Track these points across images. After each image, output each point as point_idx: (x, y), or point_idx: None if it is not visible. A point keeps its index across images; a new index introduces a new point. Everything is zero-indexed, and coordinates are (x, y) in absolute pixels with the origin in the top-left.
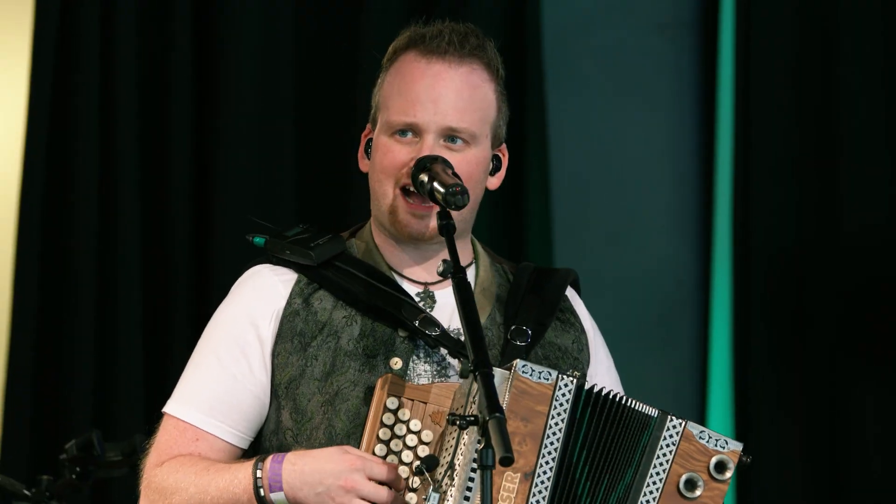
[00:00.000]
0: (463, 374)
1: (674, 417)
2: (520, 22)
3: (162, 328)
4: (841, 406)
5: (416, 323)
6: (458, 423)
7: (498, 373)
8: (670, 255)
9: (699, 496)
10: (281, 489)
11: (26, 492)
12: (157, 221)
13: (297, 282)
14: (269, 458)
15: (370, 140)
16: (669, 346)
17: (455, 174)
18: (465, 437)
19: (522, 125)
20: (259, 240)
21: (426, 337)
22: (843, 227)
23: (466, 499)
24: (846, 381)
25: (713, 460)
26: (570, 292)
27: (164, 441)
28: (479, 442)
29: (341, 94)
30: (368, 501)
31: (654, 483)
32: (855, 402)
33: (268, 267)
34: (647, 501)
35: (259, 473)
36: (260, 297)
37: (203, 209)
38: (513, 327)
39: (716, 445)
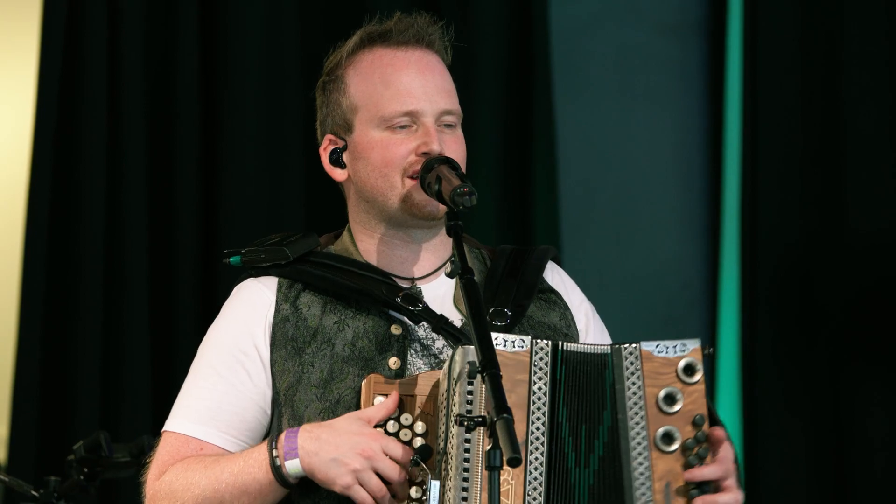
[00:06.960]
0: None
1: (627, 345)
2: (527, 22)
3: (169, 329)
4: (846, 406)
5: (398, 300)
6: (465, 424)
7: (471, 350)
8: (677, 256)
9: (682, 406)
10: (296, 455)
11: (34, 493)
12: (165, 224)
13: (279, 287)
14: (283, 433)
15: (337, 150)
16: None
17: (462, 175)
18: (454, 422)
19: (530, 126)
20: (235, 259)
21: (410, 313)
22: (850, 228)
23: (465, 479)
24: (852, 382)
25: (679, 366)
26: (556, 270)
27: (165, 453)
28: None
29: None
30: (381, 474)
31: (637, 413)
32: (860, 402)
33: (251, 280)
34: (638, 433)
35: (275, 446)
36: (250, 309)
37: (210, 212)
38: (491, 309)
39: (676, 352)
